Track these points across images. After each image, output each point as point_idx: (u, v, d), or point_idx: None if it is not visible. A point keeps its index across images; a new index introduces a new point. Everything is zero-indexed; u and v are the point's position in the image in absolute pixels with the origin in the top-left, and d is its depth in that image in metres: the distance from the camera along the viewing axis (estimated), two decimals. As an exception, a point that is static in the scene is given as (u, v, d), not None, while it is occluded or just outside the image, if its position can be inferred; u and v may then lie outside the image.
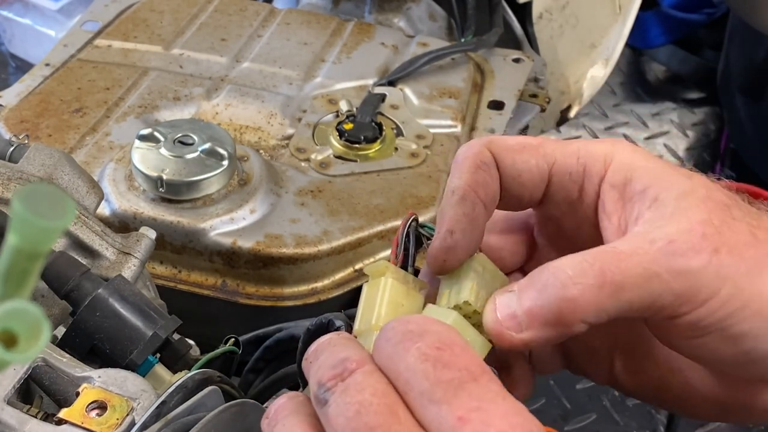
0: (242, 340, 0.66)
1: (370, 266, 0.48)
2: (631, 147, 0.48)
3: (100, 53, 1.08)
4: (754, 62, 1.87)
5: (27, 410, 0.51)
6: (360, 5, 1.26)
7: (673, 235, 0.43)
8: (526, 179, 0.48)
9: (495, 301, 0.44)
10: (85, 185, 0.69)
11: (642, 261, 0.43)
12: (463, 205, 0.47)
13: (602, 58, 1.41)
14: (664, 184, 0.46)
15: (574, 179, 0.48)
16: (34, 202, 0.30)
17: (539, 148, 0.49)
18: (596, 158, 0.48)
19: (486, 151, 0.48)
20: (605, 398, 1.44)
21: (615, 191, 0.47)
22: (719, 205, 0.45)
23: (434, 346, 0.38)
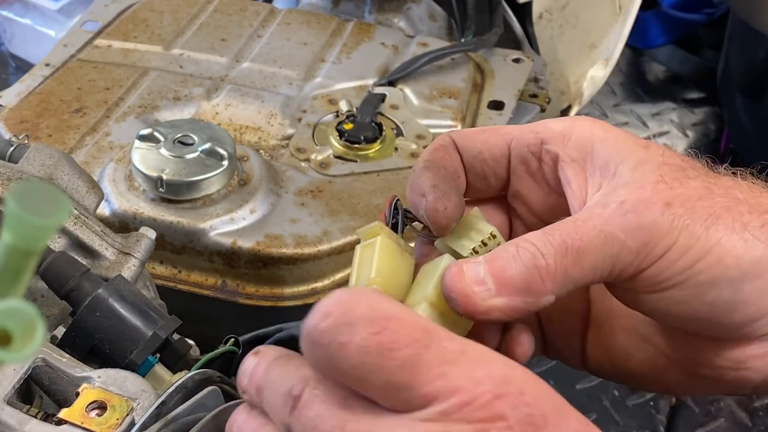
0: (242, 340, 0.66)
1: (362, 228, 0.48)
2: (590, 121, 0.49)
3: (100, 53, 1.08)
4: (754, 62, 1.87)
5: (27, 410, 0.51)
6: (360, 5, 1.26)
7: (623, 195, 0.44)
8: (486, 155, 0.50)
9: (462, 267, 0.44)
10: (85, 185, 0.69)
11: (597, 224, 0.44)
12: (431, 170, 0.49)
13: (602, 58, 1.41)
14: (622, 155, 0.46)
15: (533, 151, 0.50)
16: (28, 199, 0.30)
17: (498, 129, 0.51)
18: (554, 133, 0.49)
19: (446, 137, 0.51)
20: (605, 398, 1.44)
21: (576, 164, 0.48)
22: (674, 167, 0.46)
23: (370, 332, 0.37)
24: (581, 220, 0.44)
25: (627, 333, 0.51)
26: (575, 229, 0.44)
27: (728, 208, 0.44)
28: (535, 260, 0.43)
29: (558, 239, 0.43)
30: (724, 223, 0.44)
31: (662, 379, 0.51)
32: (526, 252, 0.43)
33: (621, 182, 0.45)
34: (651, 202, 0.44)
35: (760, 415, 1.39)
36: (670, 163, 0.46)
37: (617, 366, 0.52)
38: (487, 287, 0.43)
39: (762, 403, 1.40)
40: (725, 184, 0.46)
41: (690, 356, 0.49)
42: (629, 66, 2.21)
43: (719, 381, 0.49)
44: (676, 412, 1.42)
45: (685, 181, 0.45)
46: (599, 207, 0.45)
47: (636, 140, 0.47)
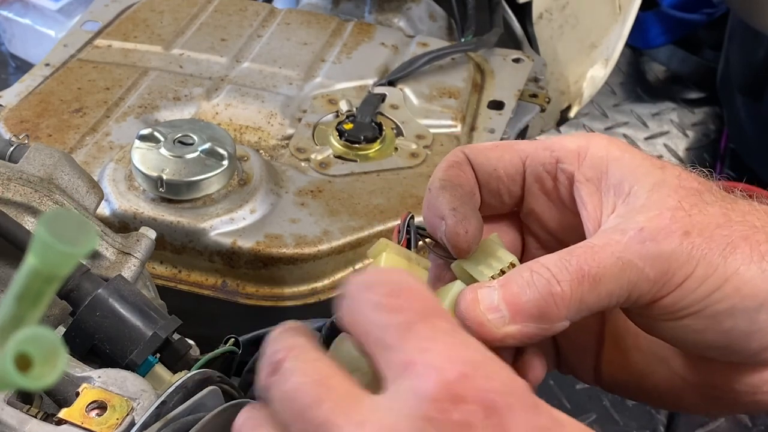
0: (242, 340, 0.66)
1: (371, 248, 0.48)
2: (605, 139, 0.49)
3: (100, 53, 1.08)
4: (754, 62, 1.87)
5: (27, 410, 0.51)
6: (360, 5, 1.26)
7: (642, 222, 0.44)
8: (501, 173, 0.50)
9: (476, 293, 0.44)
10: (85, 185, 0.69)
11: (615, 251, 0.44)
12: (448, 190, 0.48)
13: (602, 58, 1.41)
14: (637, 176, 0.47)
15: (548, 170, 0.49)
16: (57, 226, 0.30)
17: (512, 145, 0.50)
18: (569, 151, 0.49)
19: (459, 153, 0.50)
20: (605, 398, 1.44)
21: (591, 184, 0.48)
22: (691, 191, 0.46)
23: (385, 293, 0.39)
24: (599, 246, 0.44)
25: (642, 353, 0.51)
26: (592, 255, 0.44)
27: (746, 237, 0.44)
28: (550, 287, 0.43)
29: (574, 265, 0.43)
30: (741, 252, 0.44)
31: (678, 399, 0.51)
32: (541, 278, 0.43)
33: (637, 205, 0.45)
34: (670, 231, 0.44)
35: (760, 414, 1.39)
36: (686, 186, 0.46)
37: (632, 384, 0.52)
38: (501, 314, 0.43)
39: (762, 403, 1.40)
40: (742, 209, 0.46)
41: (707, 380, 0.49)
42: (629, 66, 2.21)
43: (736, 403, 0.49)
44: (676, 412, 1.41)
45: (703, 207, 0.45)
46: (617, 233, 0.44)
47: (652, 161, 0.47)
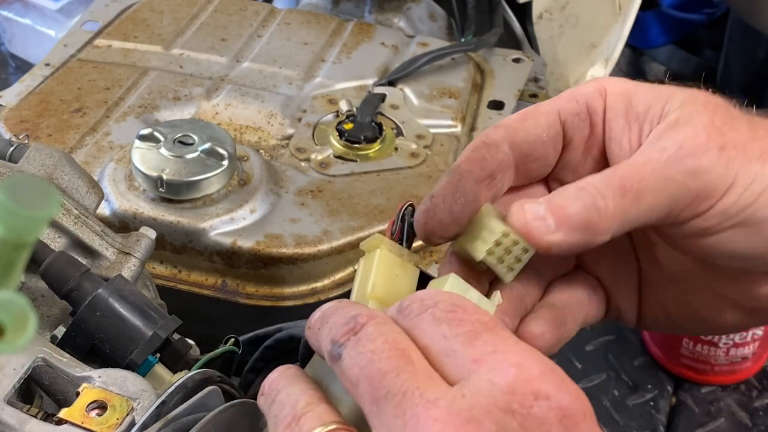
0: (242, 340, 0.66)
1: (365, 241, 0.48)
2: (615, 78, 0.51)
3: (100, 53, 1.08)
4: (754, 62, 1.87)
5: (27, 410, 0.51)
6: (360, 5, 1.26)
7: (680, 140, 0.46)
8: (545, 137, 0.50)
9: (523, 207, 0.46)
10: (85, 185, 0.69)
11: (656, 168, 0.46)
12: (449, 176, 0.49)
13: (602, 58, 1.41)
14: (664, 97, 0.49)
15: (582, 118, 0.50)
16: (18, 192, 0.30)
17: (540, 108, 0.51)
18: (592, 95, 0.50)
19: (490, 133, 0.50)
20: (605, 398, 1.44)
21: (620, 118, 0.49)
22: (719, 106, 0.48)
23: (446, 310, 0.40)
24: (640, 164, 0.46)
25: (678, 284, 0.53)
26: (635, 172, 0.46)
27: None
28: (595, 200, 0.45)
29: (618, 181, 0.45)
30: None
31: (722, 319, 0.53)
32: (586, 192, 0.45)
33: (671, 120, 0.47)
34: (707, 147, 0.46)
35: (760, 415, 1.39)
36: (713, 101, 0.48)
37: (673, 318, 0.54)
38: (547, 223, 0.45)
39: (762, 403, 1.40)
40: (766, 125, 0.48)
41: (747, 293, 0.51)
42: (629, 66, 2.21)
43: None
44: (676, 412, 1.42)
45: (733, 123, 0.47)
46: (656, 152, 0.46)
47: (675, 86, 0.50)
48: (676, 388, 1.44)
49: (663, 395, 1.43)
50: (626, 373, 1.47)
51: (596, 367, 1.48)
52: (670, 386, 1.44)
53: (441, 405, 0.36)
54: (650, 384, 1.45)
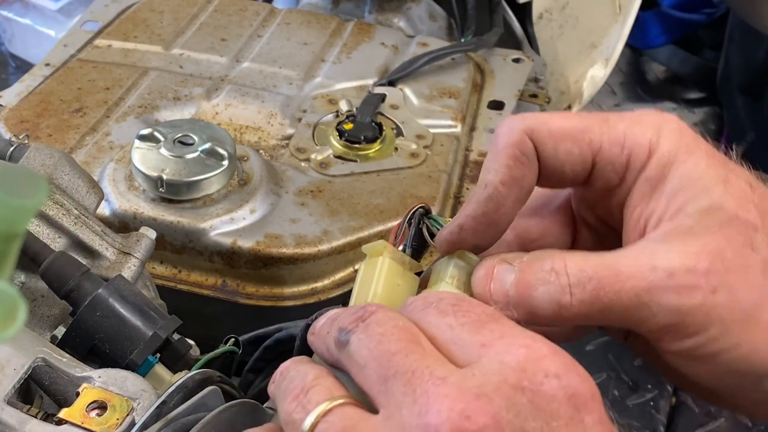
0: (242, 340, 0.66)
1: (368, 246, 0.48)
2: (678, 131, 0.46)
3: (100, 53, 1.08)
4: (754, 62, 1.87)
5: (27, 410, 0.51)
6: (360, 5, 1.26)
7: (675, 267, 0.42)
8: (567, 169, 0.47)
9: (493, 269, 0.45)
10: (85, 185, 0.69)
11: (636, 287, 0.42)
12: (487, 204, 0.46)
13: (602, 58, 1.41)
14: (696, 191, 0.44)
15: (617, 170, 0.47)
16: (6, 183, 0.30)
17: (584, 136, 0.46)
18: (641, 147, 0.46)
19: (527, 141, 0.46)
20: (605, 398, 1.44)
21: (647, 185, 0.46)
22: (743, 228, 0.44)
23: (451, 303, 0.40)
24: (624, 276, 0.43)
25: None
26: (613, 285, 0.42)
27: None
28: (562, 296, 0.43)
29: (593, 287, 0.43)
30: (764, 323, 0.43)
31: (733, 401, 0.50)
32: (557, 284, 0.43)
33: (683, 228, 0.44)
34: (698, 285, 0.42)
35: None
36: (742, 218, 0.44)
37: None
38: (507, 299, 0.44)
39: (762, 403, 1.40)
40: None
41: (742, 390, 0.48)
42: (629, 66, 2.21)
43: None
44: (676, 412, 1.42)
45: (747, 257, 0.43)
46: (646, 268, 0.43)
47: (717, 170, 0.45)
48: (676, 388, 1.44)
49: (663, 395, 1.43)
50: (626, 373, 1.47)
51: (596, 367, 1.48)
52: (670, 386, 1.44)
53: (451, 382, 0.36)
54: (650, 384, 1.45)
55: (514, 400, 0.36)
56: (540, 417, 0.36)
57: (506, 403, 0.36)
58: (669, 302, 0.42)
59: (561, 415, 0.36)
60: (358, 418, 0.38)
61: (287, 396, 0.40)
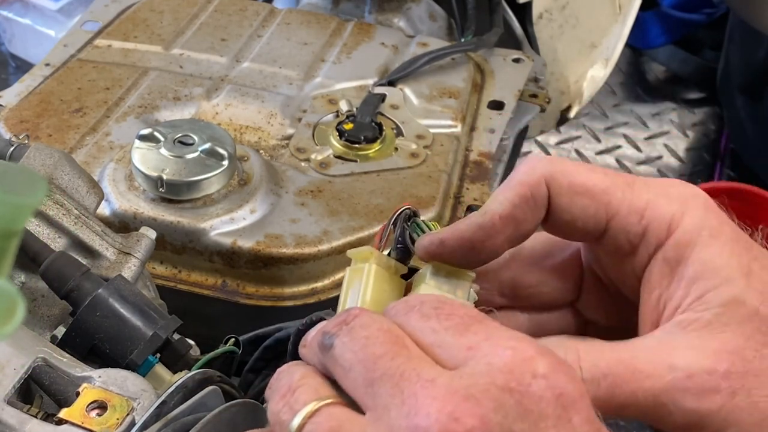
0: (242, 340, 0.66)
1: (354, 251, 0.48)
2: (703, 209, 0.45)
3: (100, 53, 1.08)
4: (754, 62, 1.87)
5: (27, 410, 0.51)
6: (360, 5, 1.26)
7: (694, 368, 0.42)
8: (579, 225, 0.46)
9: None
10: (85, 185, 0.69)
11: (654, 388, 0.42)
12: (477, 232, 0.46)
13: (602, 58, 1.41)
14: (717, 281, 0.43)
15: (631, 239, 0.45)
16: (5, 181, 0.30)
17: (603, 196, 0.45)
18: (661, 223, 0.45)
19: (542, 187, 0.45)
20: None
21: (666, 266, 0.45)
22: (764, 326, 0.43)
23: (433, 307, 0.40)
24: (642, 375, 0.42)
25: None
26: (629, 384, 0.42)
27: None
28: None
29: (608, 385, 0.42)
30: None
31: None
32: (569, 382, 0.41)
33: (703, 322, 0.42)
34: (718, 389, 0.41)
35: None
36: (762, 315, 0.42)
37: None
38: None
39: (762, 403, 1.40)
40: None
41: None
42: (629, 66, 2.21)
43: None
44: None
45: (766, 356, 0.42)
46: (664, 367, 0.42)
47: (740, 260, 0.43)
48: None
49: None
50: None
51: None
52: (670, 386, 1.44)
53: (439, 384, 0.36)
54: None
55: (501, 402, 0.36)
56: (528, 418, 0.36)
57: (494, 404, 0.36)
58: (688, 405, 0.42)
59: (549, 415, 0.36)
60: (345, 418, 0.38)
61: (275, 395, 0.40)
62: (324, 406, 0.38)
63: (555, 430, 0.36)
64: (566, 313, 0.51)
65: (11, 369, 0.52)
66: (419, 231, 0.49)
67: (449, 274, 0.47)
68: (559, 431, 0.36)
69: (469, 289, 0.47)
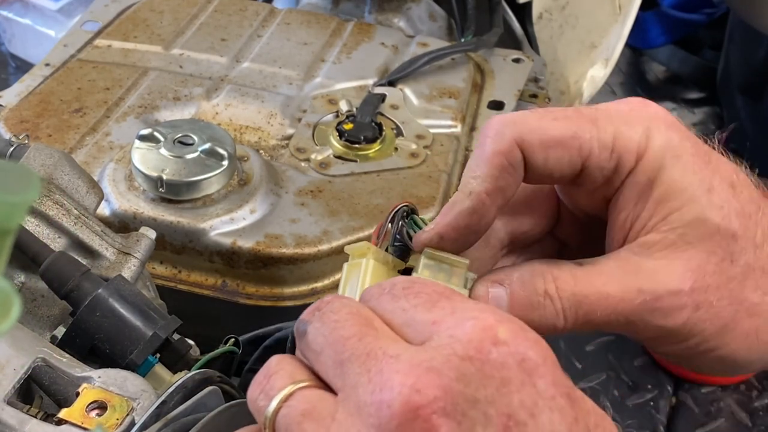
0: (242, 340, 0.66)
1: (351, 247, 0.48)
2: (665, 131, 0.47)
3: (100, 53, 1.08)
4: (754, 62, 1.87)
5: (27, 410, 0.51)
6: (360, 5, 1.26)
7: (660, 290, 0.46)
8: (556, 174, 0.48)
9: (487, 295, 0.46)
10: (85, 185, 0.69)
11: (625, 310, 0.46)
12: (471, 217, 0.47)
13: (602, 58, 1.41)
14: (680, 202, 0.46)
15: (605, 174, 0.48)
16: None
17: (574, 142, 0.47)
18: (630, 152, 0.47)
19: (516, 151, 0.46)
20: (605, 398, 1.44)
21: (634, 189, 0.47)
22: (724, 241, 0.46)
23: (401, 287, 0.41)
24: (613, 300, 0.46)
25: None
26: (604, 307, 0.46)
27: (753, 313, 0.47)
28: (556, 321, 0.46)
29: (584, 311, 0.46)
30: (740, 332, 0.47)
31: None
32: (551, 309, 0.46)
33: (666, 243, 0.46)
34: (682, 305, 0.46)
35: (760, 415, 1.39)
36: (723, 230, 0.46)
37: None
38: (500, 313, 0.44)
39: (762, 403, 1.41)
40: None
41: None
42: (629, 66, 2.21)
43: None
44: (676, 412, 1.42)
45: (727, 270, 0.46)
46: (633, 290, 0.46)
47: (702, 176, 0.46)
48: (676, 388, 1.44)
49: (663, 395, 1.43)
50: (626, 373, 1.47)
51: (596, 367, 1.48)
52: (670, 386, 1.45)
53: (403, 359, 0.37)
54: (650, 384, 1.45)
55: (463, 371, 0.37)
56: (491, 384, 0.37)
57: (456, 374, 0.36)
58: (656, 322, 0.46)
59: (512, 380, 0.37)
60: (318, 399, 0.39)
61: (252, 384, 0.41)
62: (298, 389, 0.39)
63: (519, 395, 0.37)
64: (546, 240, 0.54)
65: (11, 369, 0.52)
66: (416, 227, 0.49)
67: (443, 262, 0.48)
68: (523, 396, 0.37)
69: (464, 275, 0.48)
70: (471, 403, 0.36)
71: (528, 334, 0.38)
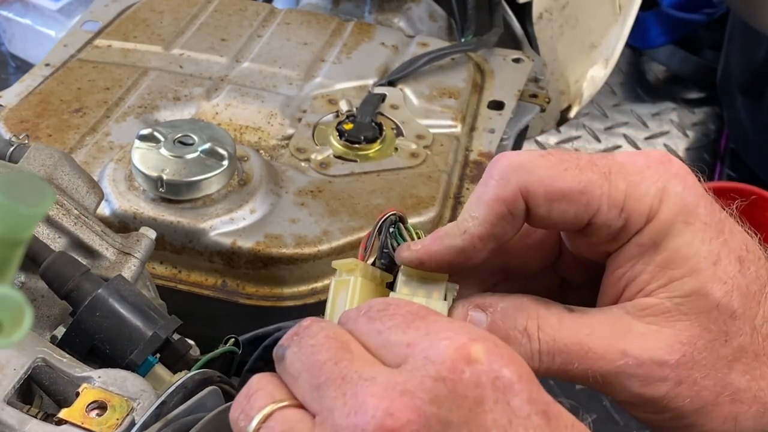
0: (242, 340, 0.66)
1: (339, 262, 0.48)
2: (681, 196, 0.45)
3: (100, 53, 1.08)
4: (754, 62, 1.87)
5: (27, 410, 0.51)
6: (360, 5, 1.26)
7: (644, 357, 0.44)
8: (560, 227, 0.47)
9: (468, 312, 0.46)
10: (85, 185, 0.69)
11: (603, 369, 0.44)
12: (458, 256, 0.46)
13: (602, 58, 1.41)
14: (684, 271, 0.44)
15: (612, 232, 0.45)
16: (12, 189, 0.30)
17: (582, 197, 0.44)
18: (640, 213, 0.44)
19: (519, 201, 0.45)
20: (605, 398, 1.44)
21: (637, 249, 0.45)
22: (721, 318, 0.44)
23: (377, 309, 0.41)
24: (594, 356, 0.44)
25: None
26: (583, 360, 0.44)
27: (735, 399, 0.45)
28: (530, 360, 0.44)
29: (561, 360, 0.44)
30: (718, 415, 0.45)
31: None
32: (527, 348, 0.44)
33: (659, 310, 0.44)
34: (665, 378, 0.44)
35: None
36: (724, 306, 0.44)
37: None
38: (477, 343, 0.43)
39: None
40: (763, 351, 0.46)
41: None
42: (629, 66, 2.21)
43: None
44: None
45: (718, 347, 0.44)
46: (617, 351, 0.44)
47: (710, 247, 0.44)
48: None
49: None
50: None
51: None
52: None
53: (378, 382, 0.37)
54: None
55: (436, 392, 0.36)
56: (464, 405, 0.36)
57: (429, 396, 0.36)
58: (634, 389, 0.44)
59: (485, 400, 0.37)
60: (296, 420, 0.39)
61: (234, 404, 0.41)
62: (278, 409, 0.39)
63: (492, 415, 0.36)
64: (546, 273, 0.52)
65: (11, 369, 0.52)
66: (401, 238, 0.48)
67: (423, 277, 0.47)
68: (496, 415, 0.36)
69: (444, 289, 0.47)
70: (444, 425, 0.36)
71: (503, 350, 0.38)
